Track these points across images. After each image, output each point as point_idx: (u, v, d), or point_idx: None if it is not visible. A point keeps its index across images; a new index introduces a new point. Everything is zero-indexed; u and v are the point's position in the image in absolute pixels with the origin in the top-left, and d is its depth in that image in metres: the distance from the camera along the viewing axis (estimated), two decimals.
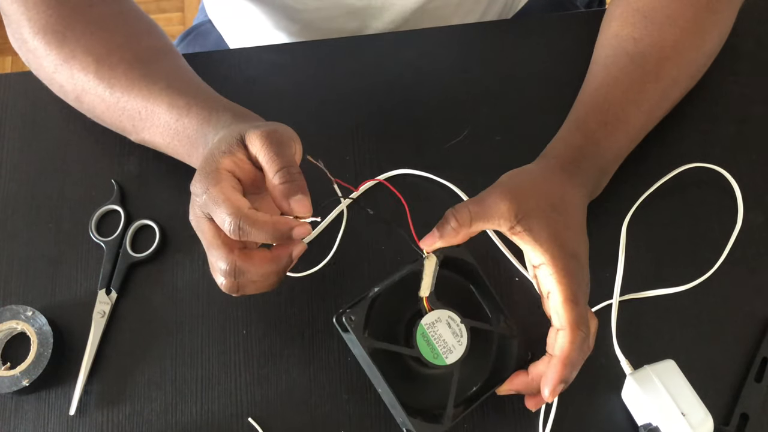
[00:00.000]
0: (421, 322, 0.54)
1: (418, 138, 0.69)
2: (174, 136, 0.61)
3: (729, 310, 0.63)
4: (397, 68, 0.73)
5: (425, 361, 0.54)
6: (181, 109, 0.60)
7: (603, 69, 0.65)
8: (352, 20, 0.81)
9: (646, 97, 0.63)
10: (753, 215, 0.66)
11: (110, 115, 0.64)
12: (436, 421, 0.54)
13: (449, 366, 0.54)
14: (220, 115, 0.59)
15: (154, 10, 1.96)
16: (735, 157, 0.68)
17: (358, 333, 0.53)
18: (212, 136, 0.58)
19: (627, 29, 0.65)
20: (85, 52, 0.63)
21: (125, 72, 0.62)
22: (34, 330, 0.62)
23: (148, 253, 0.65)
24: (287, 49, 0.76)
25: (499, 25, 0.80)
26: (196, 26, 1.01)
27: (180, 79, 0.63)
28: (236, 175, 0.54)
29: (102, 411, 0.61)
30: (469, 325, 0.55)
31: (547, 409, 0.60)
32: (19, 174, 0.69)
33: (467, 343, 0.54)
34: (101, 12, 0.65)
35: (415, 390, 0.56)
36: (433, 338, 0.54)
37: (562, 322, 0.53)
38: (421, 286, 0.55)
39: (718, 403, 0.60)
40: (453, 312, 0.55)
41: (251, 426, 0.61)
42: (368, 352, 0.53)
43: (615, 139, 0.62)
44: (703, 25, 0.65)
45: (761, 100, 0.70)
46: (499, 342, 0.58)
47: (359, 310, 0.54)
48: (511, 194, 0.55)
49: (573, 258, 0.55)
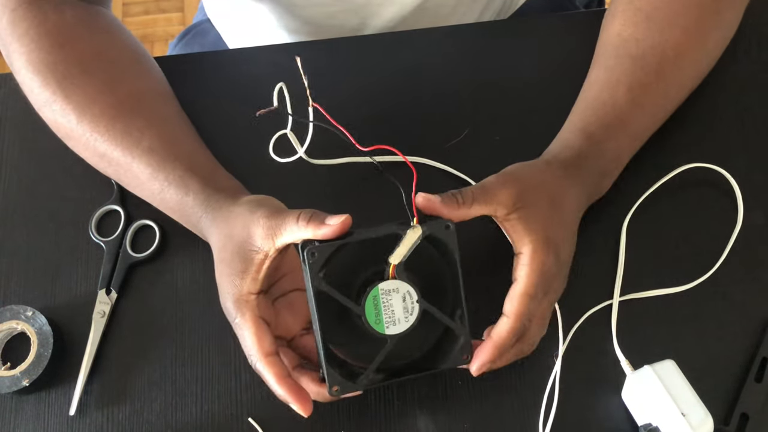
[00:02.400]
0: (379, 285, 0.53)
1: (418, 138, 0.69)
2: (159, 203, 0.63)
3: (729, 310, 0.63)
4: (396, 68, 0.73)
5: (365, 323, 0.53)
6: (162, 183, 0.62)
7: (605, 70, 0.65)
8: (352, 17, 0.81)
9: (649, 99, 0.63)
10: (753, 215, 0.66)
11: (95, 162, 0.64)
12: (352, 379, 0.54)
13: (385, 336, 0.53)
14: (196, 196, 0.61)
15: (154, 10, 1.96)
16: (735, 157, 0.68)
17: (313, 271, 0.52)
18: (194, 219, 0.61)
19: (629, 29, 0.65)
20: (66, 98, 0.62)
21: (107, 127, 0.62)
22: (34, 330, 0.62)
23: (148, 253, 0.65)
24: (287, 49, 0.76)
25: (499, 25, 0.80)
26: (195, 25, 1.01)
27: (161, 139, 0.62)
28: (262, 292, 0.56)
29: (102, 411, 0.61)
30: (423, 306, 0.54)
31: (548, 409, 0.60)
32: (19, 174, 0.69)
33: (413, 323, 0.53)
34: (85, 49, 0.64)
35: (347, 343, 0.55)
36: (383, 305, 0.53)
37: (509, 311, 0.54)
38: (395, 252, 0.53)
39: (718, 403, 0.60)
40: (414, 289, 0.53)
41: (251, 426, 0.61)
42: (314, 292, 0.53)
43: (616, 141, 0.62)
44: (706, 26, 0.65)
45: (761, 100, 0.70)
46: (445, 333, 0.56)
47: (324, 249, 0.53)
48: (514, 183, 0.56)
49: (554, 256, 0.55)
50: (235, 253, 0.55)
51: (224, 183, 0.63)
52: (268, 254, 0.54)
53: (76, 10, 0.65)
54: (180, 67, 0.73)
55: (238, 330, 0.55)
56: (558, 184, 0.58)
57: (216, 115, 0.70)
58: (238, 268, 0.54)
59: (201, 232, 0.61)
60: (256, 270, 0.54)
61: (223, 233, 0.57)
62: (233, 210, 0.58)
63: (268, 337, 0.54)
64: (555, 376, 0.61)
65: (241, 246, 0.55)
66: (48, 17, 0.63)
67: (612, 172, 0.63)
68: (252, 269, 0.54)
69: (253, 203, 0.57)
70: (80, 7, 0.65)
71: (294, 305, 0.59)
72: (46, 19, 0.63)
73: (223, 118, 0.70)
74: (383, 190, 0.58)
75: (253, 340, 0.54)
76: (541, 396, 0.60)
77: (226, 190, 0.61)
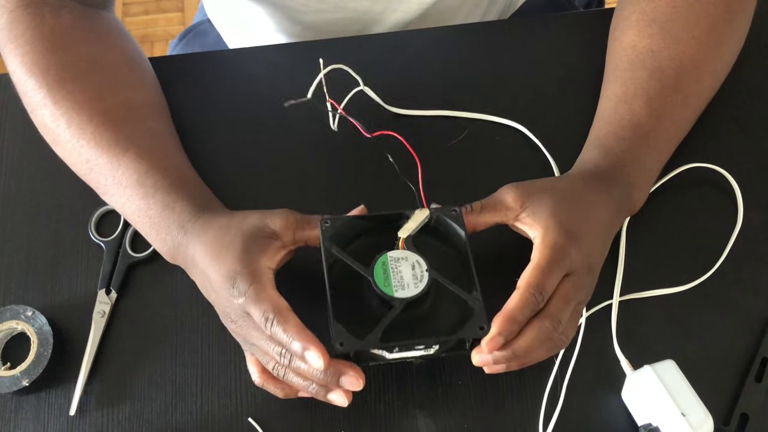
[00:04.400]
0: (388, 253, 0.54)
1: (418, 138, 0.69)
2: (134, 210, 0.61)
3: (729, 310, 0.63)
4: (396, 68, 0.73)
5: (374, 285, 0.53)
6: (149, 188, 0.60)
7: (621, 84, 0.64)
8: (353, 24, 0.81)
9: (668, 110, 0.62)
10: (753, 215, 0.66)
11: (78, 169, 0.63)
12: (359, 337, 0.52)
13: (394, 298, 0.53)
14: (185, 204, 0.59)
15: (154, 10, 1.96)
16: (735, 157, 0.68)
17: (326, 236, 0.54)
18: (176, 229, 0.58)
19: (645, 41, 0.64)
20: (56, 103, 0.62)
21: (93, 134, 0.61)
22: (34, 330, 0.62)
23: (148, 253, 0.65)
24: (287, 49, 0.76)
25: (499, 25, 0.80)
26: (195, 25, 1.01)
27: (149, 149, 0.62)
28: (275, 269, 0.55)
29: (102, 411, 0.61)
30: (433, 275, 0.54)
31: (548, 409, 0.60)
32: (19, 174, 0.69)
33: (423, 289, 0.53)
34: (79, 54, 0.64)
35: (357, 312, 0.54)
36: (392, 270, 0.53)
37: (520, 283, 0.54)
38: (404, 227, 0.55)
39: (718, 403, 0.60)
40: (423, 259, 0.54)
41: (251, 426, 0.61)
42: (325, 254, 0.54)
43: (637, 152, 0.61)
44: (721, 36, 0.64)
45: (761, 100, 0.70)
46: (459, 306, 0.55)
47: (338, 221, 0.55)
48: (520, 188, 0.57)
49: (567, 237, 0.55)
50: (248, 239, 0.55)
51: (212, 199, 0.62)
52: (286, 244, 0.54)
53: (75, 15, 0.65)
54: (180, 67, 0.73)
55: (251, 299, 0.53)
56: (572, 187, 0.58)
57: (215, 115, 0.70)
58: (252, 250, 0.54)
59: (178, 243, 0.59)
60: (274, 251, 0.55)
61: (222, 226, 0.57)
62: (234, 214, 0.58)
63: (284, 300, 0.53)
64: (555, 376, 0.61)
65: (256, 234, 0.55)
66: (45, 20, 0.63)
67: (639, 183, 0.62)
68: (269, 250, 0.54)
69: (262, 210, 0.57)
70: (79, 11, 0.65)
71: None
72: (43, 22, 0.63)
73: (223, 118, 0.70)
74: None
75: (271, 300, 0.52)
76: (541, 396, 0.60)
77: (216, 206, 0.61)
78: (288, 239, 0.55)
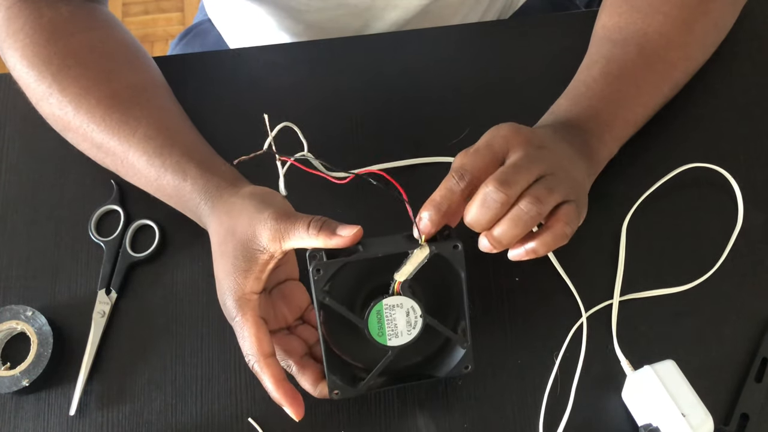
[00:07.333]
0: (383, 300, 0.54)
1: (419, 138, 0.69)
2: (156, 190, 0.63)
3: (729, 310, 0.63)
4: (397, 68, 0.73)
5: (368, 335, 0.54)
6: (158, 169, 0.61)
7: (585, 58, 0.66)
8: (355, 20, 0.81)
9: (627, 71, 0.63)
10: (753, 215, 0.66)
11: (94, 154, 0.64)
12: (353, 383, 0.55)
13: (388, 347, 0.55)
14: (196, 180, 0.60)
15: (154, 10, 1.96)
16: (735, 157, 0.68)
17: (318, 286, 0.53)
18: (189, 212, 0.62)
19: (614, 19, 0.66)
20: (62, 90, 0.62)
21: (103, 117, 0.62)
22: (34, 330, 0.62)
23: (148, 253, 0.65)
24: (287, 49, 0.76)
25: (499, 25, 0.80)
26: (196, 25, 1.01)
27: (157, 127, 0.62)
28: (262, 291, 0.56)
29: (102, 411, 0.61)
30: (426, 321, 0.54)
31: (548, 409, 0.60)
32: (19, 174, 0.69)
33: (416, 336, 0.55)
34: (80, 42, 0.64)
35: (351, 348, 0.56)
36: (386, 319, 0.54)
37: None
38: (401, 269, 0.53)
39: (718, 403, 0.60)
40: (417, 303, 0.54)
41: (251, 426, 0.61)
42: (318, 306, 0.53)
43: (588, 104, 0.62)
44: (692, 12, 0.65)
45: (761, 100, 0.70)
46: (447, 342, 0.57)
47: (330, 266, 0.53)
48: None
49: (536, 146, 0.54)
50: (238, 250, 0.55)
51: (222, 169, 0.62)
52: (274, 256, 0.54)
53: (72, 7, 0.65)
54: (180, 67, 0.73)
55: (238, 329, 0.55)
56: (528, 128, 0.58)
57: (216, 115, 0.70)
58: (241, 267, 0.54)
59: (199, 218, 0.61)
60: (260, 270, 0.54)
61: (223, 226, 0.57)
62: (235, 202, 0.58)
63: (267, 338, 0.55)
64: (555, 376, 0.61)
65: (245, 244, 0.54)
66: (43, 13, 0.64)
67: (595, 131, 0.61)
68: (256, 269, 0.54)
69: (258, 199, 0.57)
70: (76, 3, 0.66)
71: (287, 296, 0.60)
72: (41, 15, 0.63)
73: (223, 118, 0.70)
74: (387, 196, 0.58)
75: (252, 341, 0.54)
76: (541, 396, 0.60)
77: (225, 178, 0.61)
78: (275, 249, 0.54)
